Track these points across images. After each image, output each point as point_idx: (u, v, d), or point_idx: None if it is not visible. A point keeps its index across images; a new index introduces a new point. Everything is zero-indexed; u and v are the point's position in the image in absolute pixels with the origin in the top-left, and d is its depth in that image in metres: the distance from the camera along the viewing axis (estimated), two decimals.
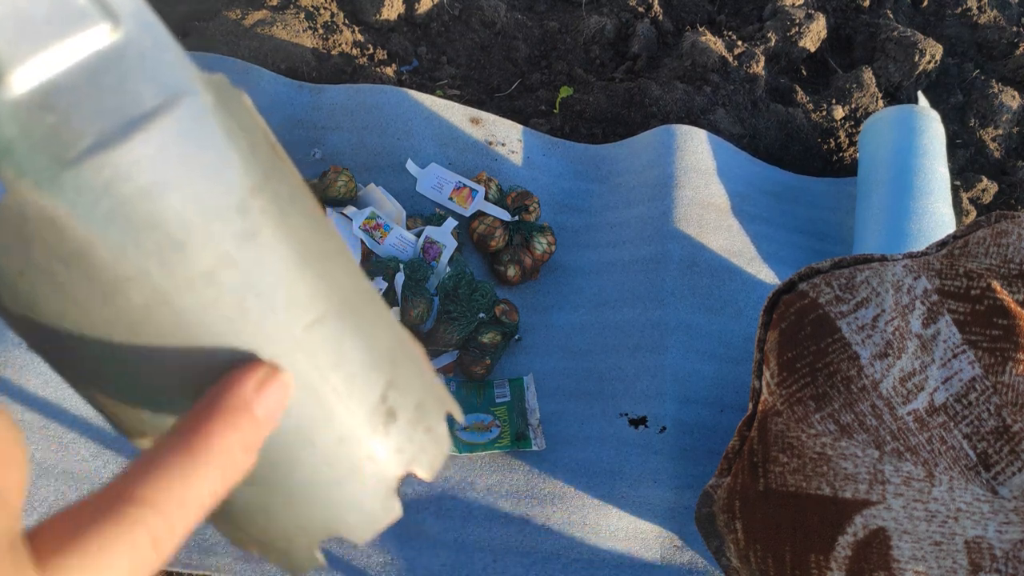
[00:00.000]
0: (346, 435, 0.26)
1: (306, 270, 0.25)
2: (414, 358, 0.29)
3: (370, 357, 0.27)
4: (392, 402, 0.27)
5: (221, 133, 0.23)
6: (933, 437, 0.68)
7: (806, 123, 1.38)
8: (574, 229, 1.22)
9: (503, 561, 0.87)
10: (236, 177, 0.23)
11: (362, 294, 0.27)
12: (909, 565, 0.66)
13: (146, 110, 0.21)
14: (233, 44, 1.29)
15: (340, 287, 0.26)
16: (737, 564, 0.77)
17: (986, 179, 1.32)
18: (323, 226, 0.27)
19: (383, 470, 0.27)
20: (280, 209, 0.24)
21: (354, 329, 0.26)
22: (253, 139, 0.24)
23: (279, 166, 0.25)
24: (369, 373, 0.27)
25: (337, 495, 0.27)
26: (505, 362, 1.08)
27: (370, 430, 0.27)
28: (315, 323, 0.25)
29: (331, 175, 1.11)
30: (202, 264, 0.22)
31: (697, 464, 0.95)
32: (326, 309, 0.25)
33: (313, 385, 0.25)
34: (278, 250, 0.24)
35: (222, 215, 0.22)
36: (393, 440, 0.28)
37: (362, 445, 0.27)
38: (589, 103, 1.38)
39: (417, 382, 0.29)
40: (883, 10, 1.60)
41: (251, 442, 0.23)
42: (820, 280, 0.75)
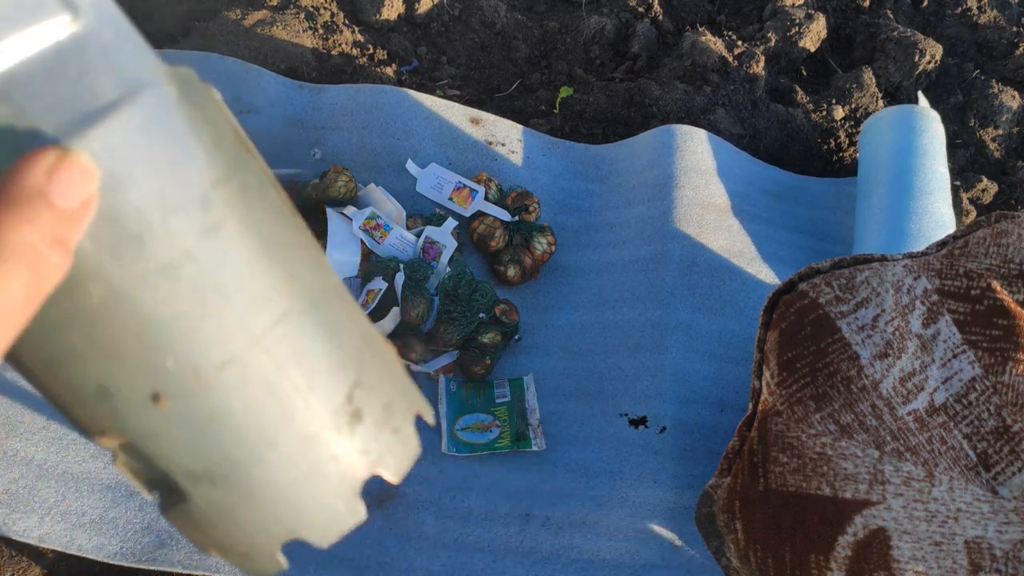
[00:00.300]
0: (309, 435, 0.26)
1: (270, 266, 0.24)
2: (383, 357, 0.29)
3: (336, 355, 0.26)
4: (358, 402, 0.27)
5: (184, 126, 0.22)
6: (933, 437, 0.68)
7: (806, 123, 1.38)
8: (574, 229, 1.22)
9: (503, 561, 0.87)
10: (199, 170, 0.23)
11: (329, 291, 0.27)
12: (909, 565, 0.66)
13: (105, 102, 0.21)
14: (233, 44, 1.29)
15: (306, 283, 0.26)
16: (737, 564, 0.77)
17: (986, 179, 1.32)
18: (291, 221, 0.26)
19: (347, 471, 0.27)
20: (246, 203, 0.24)
21: (319, 327, 0.26)
22: (219, 132, 0.24)
23: (246, 159, 0.25)
24: (334, 372, 0.26)
25: (299, 496, 0.26)
26: (505, 362, 1.08)
27: (335, 430, 0.26)
28: (278, 320, 0.24)
29: (331, 175, 1.11)
30: (160, 259, 0.22)
31: (697, 464, 0.95)
32: (290, 306, 0.25)
33: (274, 383, 0.25)
34: (241, 245, 0.24)
35: (183, 209, 0.22)
36: (359, 441, 0.27)
37: (326, 445, 0.26)
38: (589, 103, 1.38)
39: (385, 382, 0.28)
40: (883, 10, 1.60)
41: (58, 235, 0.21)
42: (820, 280, 0.75)
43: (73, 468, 0.87)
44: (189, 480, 0.25)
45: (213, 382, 0.24)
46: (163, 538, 0.84)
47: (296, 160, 1.20)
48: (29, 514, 0.84)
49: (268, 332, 0.24)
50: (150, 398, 0.23)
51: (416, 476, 0.93)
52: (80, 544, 0.83)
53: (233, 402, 0.24)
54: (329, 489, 0.27)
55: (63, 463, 0.87)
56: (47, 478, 0.86)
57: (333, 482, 0.27)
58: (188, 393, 0.24)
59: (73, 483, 0.86)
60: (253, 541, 0.26)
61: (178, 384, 0.23)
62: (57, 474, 0.86)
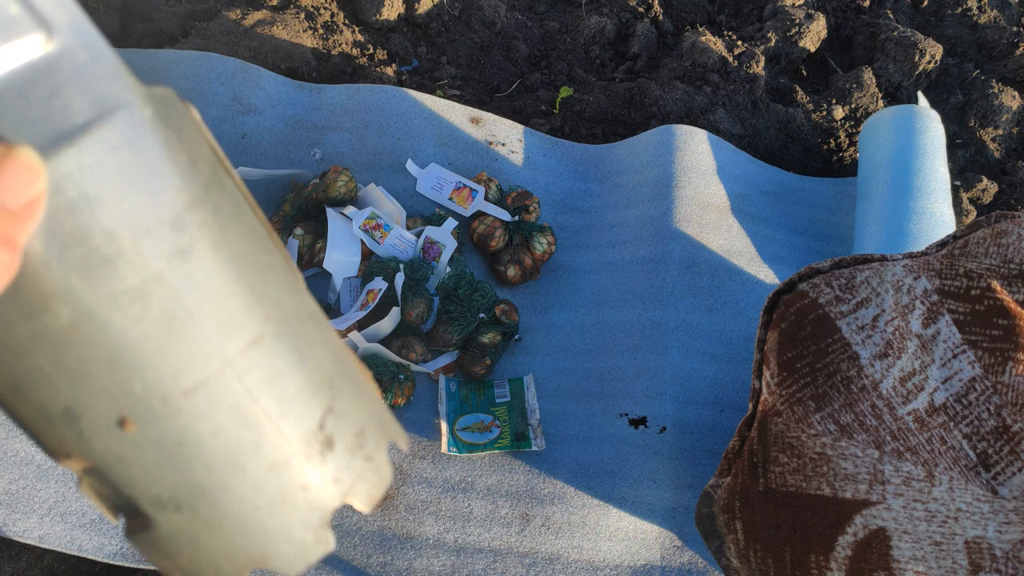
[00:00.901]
0: (279, 462, 0.25)
1: (243, 289, 0.24)
2: (358, 382, 0.28)
3: (308, 381, 0.26)
4: (330, 429, 0.26)
5: (158, 147, 0.22)
6: (933, 437, 0.68)
7: (806, 123, 1.38)
8: (574, 229, 1.22)
9: (503, 562, 0.87)
10: (172, 192, 0.22)
11: (303, 315, 0.26)
12: (909, 565, 0.66)
13: (78, 123, 0.21)
14: (233, 44, 1.29)
15: (280, 306, 0.25)
16: (737, 564, 0.77)
17: (986, 179, 1.32)
18: (266, 243, 0.26)
19: (318, 500, 0.26)
20: (219, 224, 0.24)
21: (292, 351, 0.25)
22: (195, 153, 0.23)
23: (222, 180, 0.24)
24: (306, 398, 0.26)
25: (267, 524, 0.26)
26: (505, 362, 1.08)
27: (305, 458, 0.26)
28: (250, 345, 0.24)
29: (331, 175, 1.11)
30: (130, 281, 0.22)
31: (697, 464, 0.95)
32: (262, 330, 0.24)
33: (244, 408, 0.24)
34: (213, 268, 0.23)
35: (154, 231, 0.22)
36: (330, 469, 0.26)
37: (296, 473, 0.26)
38: (589, 103, 1.38)
39: (359, 408, 0.28)
40: (883, 10, 1.60)
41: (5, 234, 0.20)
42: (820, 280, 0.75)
43: None
44: (155, 506, 0.25)
45: (182, 407, 0.23)
46: None
47: (296, 160, 1.20)
48: (29, 514, 0.84)
49: (239, 357, 0.24)
50: (116, 422, 0.23)
51: (416, 476, 0.93)
52: (80, 544, 0.83)
53: (201, 427, 0.24)
54: (298, 518, 0.26)
55: None
56: (47, 478, 0.86)
57: (302, 511, 0.26)
58: (155, 417, 0.23)
59: (73, 483, 0.86)
60: (219, 569, 0.26)
61: (145, 408, 0.23)
62: (57, 474, 0.86)
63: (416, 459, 0.95)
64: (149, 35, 1.39)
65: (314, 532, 0.27)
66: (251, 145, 1.20)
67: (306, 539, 0.26)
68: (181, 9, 1.41)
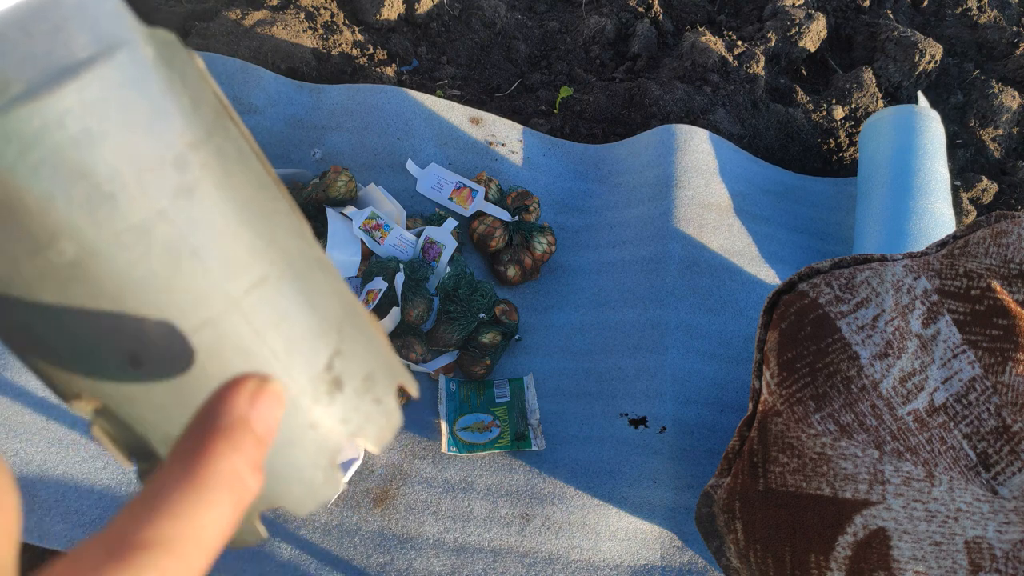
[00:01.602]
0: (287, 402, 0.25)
1: (248, 230, 0.24)
2: (365, 329, 0.28)
3: (315, 323, 0.26)
4: (338, 371, 0.27)
5: (160, 86, 0.22)
6: (933, 437, 0.68)
7: (806, 123, 1.38)
8: (574, 229, 1.22)
9: (503, 562, 0.87)
10: (175, 131, 0.22)
11: (310, 260, 0.27)
12: (909, 565, 0.66)
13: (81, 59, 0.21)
14: (233, 44, 1.29)
15: (285, 250, 0.25)
16: (737, 564, 0.77)
17: (986, 179, 1.32)
18: (272, 188, 0.26)
19: (326, 439, 0.27)
20: (224, 167, 0.24)
21: (298, 294, 0.26)
22: (198, 96, 0.24)
23: (226, 125, 0.25)
24: (314, 340, 0.26)
25: (277, 463, 0.26)
26: (505, 362, 1.08)
27: (313, 398, 0.26)
28: (255, 284, 0.24)
29: (331, 175, 1.11)
30: (133, 218, 0.22)
31: (697, 464, 0.95)
32: (268, 271, 0.25)
33: (251, 347, 0.24)
34: (217, 208, 0.23)
35: (157, 169, 0.22)
36: (338, 409, 0.27)
37: (304, 413, 0.26)
38: (589, 103, 1.38)
39: (367, 353, 0.28)
40: (883, 10, 1.60)
41: (256, 460, 0.22)
42: (820, 280, 0.75)
43: (73, 468, 0.87)
44: (166, 446, 0.25)
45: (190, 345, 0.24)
46: None
47: (296, 160, 1.20)
48: (29, 514, 0.84)
49: (245, 296, 0.24)
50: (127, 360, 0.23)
51: (416, 476, 0.93)
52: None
53: (209, 365, 0.24)
54: (307, 458, 0.26)
55: (63, 463, 0.87)
56: (47, 478, 0.86)
57: (311, 450, 0.26)
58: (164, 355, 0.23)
59: (73, 483, 0.86)
60: None
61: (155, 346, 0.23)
62: (57, 474, 0.86)
63: (416, 459, 0.95)
64: None
65: (324, 472, 0.27)
66: None
67: (316, 479, 0.27)
68: (181, 9, 1.41)
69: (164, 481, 0.20)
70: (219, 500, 0.20)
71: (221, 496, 0.20)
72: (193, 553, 0.19)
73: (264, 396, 0.22)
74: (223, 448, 0.21)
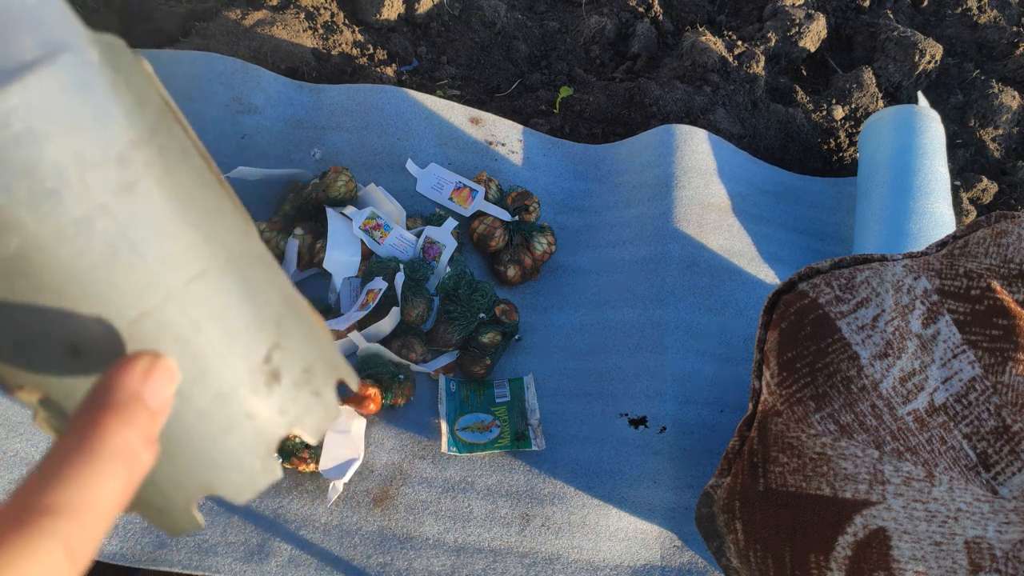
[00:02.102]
0: (224, 391, 0.26)
1: (188, 226, 0.25)
2: (307, 324, 0.29)
3: (254, 317, 0.27)
4: (277, 363, 0.28)
5: (104, 88, 0.23)
6: (933, 437, 0.68)
7: (806, 123, 1.38)
8: (574, 229, 1.22)
9: (503, 562, 0.87)
10: (118, 130, 0.23)
11: (252, 256, 0.28)
12: (909, 565, 0.66)
13: (26, 61, 0.22)
14: (233, 44, 1.29)
15: (227, 247, 0.26)
16: (737, 564, 0.77)
17: (986, 179, 1.32)
18: (216, 187, 0.27)
19: (263, 429, 0.27)
20: (165, 165, 0.25)
21: (238, 288, 0.26)
22: (143, 97, 0.24)
23: (171, 125, 0.26)
24: (252, 333, 0.27)
25: (213, 451, 0.27)
26: (505, 362, 1.08)
27: (251, 389, 0.27)
28: (194, 278, 0.25)
29: (331, 175, 1.11)
30: (75, 212, 0.22)
31: (697, 464, 0.95)
32: (207, 266, 0.26)
33: (189, 339, 0.25)
34: (158, 204, 0.24)
35: (100, 165, 0.23)
36: (276, 400, 0.28)
37: (241, 402, 0.27)
38: (589, 103, 1.38)
39: (307, 347, 0.29)
40: (883, 10, 1.60)
41: (150, 434, 0.23)
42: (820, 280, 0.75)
43: None
44: None
45: (128, 336, 0.24)
46: (163, 538, 0.84)
47: (296, 160, 1.20)
48: None
49: (184, 289, 0.25)
50: (68, 351, 0.24)
51: (416, 476, 0.93)
52: None
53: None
54: (244, 446, 0.27)
55: None
56: None
57: (248, 439, 0.27)
58: (104, 346, 0.24)
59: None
60: (168, 497, 0.27)
61: (94, 337, 0.24)
62: None
63: (416, 459, 0.95)
64: (149, 35, 1.39)
65: (261, 460, 0.28)
66: (251, 145, 1.20)
67: (253, 467, 0.27)
68: (181, 9, 1.41)
69: (61, 453, 0.21)
70: (114, 471, 0.21)
71: (116, 468, 0.21)
72: (91, 520, 0.20)
73: (156, 372, 0.23)
74: (116, 422, 0.22)
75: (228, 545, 0.85)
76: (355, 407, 0.95)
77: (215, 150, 1.18)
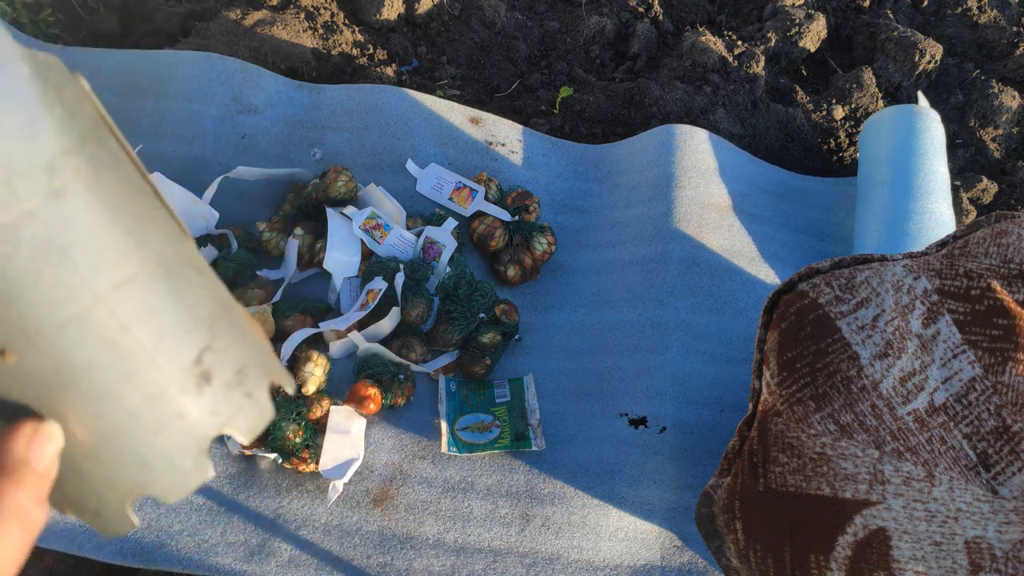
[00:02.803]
0: (154, 392, 0.27)
1: (117, 231, 0.26)
2: (241, 328, 0.30)
3: (185, 320, 0.28)
4: (208, 365, 0.28)
5: (34, 99, 0.24)
6: (933, 437, 0.68)
7: (806, 123, 1.38)
8: (574, 229, 1.22)
9: (503, 562, 0.87)
10: (47, 139, 0.24)
11: (184, 262, 0.28)
12: (909, 565, 0.66)
13: None
14: (233, 44, 1.29)
15: (158, 252, 0.27)
16: (737, 564, 0.77)
17: (986, 179, 1.32)
18: (148, 196, 0.28)
19: (195, 428, 0.28)
20: (96, 173, 0.25)
21: (168, 293, 0.27)
22: (75, 110, 0.25)
23: (103, 136, 0.26)
24: (182, 335, 0.27)
25: (145, 451, 0.27)
26: (505, 362, 1.08)
27: (181, 388, 0.27)
28: (123, 282, 0.26)
29: (331, 175, 1.11)
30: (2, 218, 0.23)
31: (697, 464, 0.95)
32: (137, 271, 0.26)
33: (117, 341, 0.26)
34: (87, 210, 0.25)
35: (27, 173, 0.23)
36: (207, 401, 0.28)
37: (172, 403, 0.27)
38: (589, 103, 1.38)
39: (240, 349, 0.29)
40: (883, 10, 1.60)
41: (40, 494, 0.25)
42: (820, 280, 0.75)
43: None
44: None
45: (56, 338, 0.25)
46: (163, 538, 0.84)
47: (296, 160, 1.20)
48: None
49: (112, 293, 0.26)
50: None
51: (416, 476, 0.93)
52: (80, 544, 0.83)
53: (76, 358, 0.25)
54: (175, 446, 0.28)
55: None
56: None
57: (179, 439, 0.28)
58: (33, 349, 0.25)
59: None
60: (102, 497, 0.28)
61: (23, 339, 0.25)
62: None
63: (416, 459, 0.95)
64: (149, 35, 1.39)
65: (192, 459, 0.28)
66: (251, 145, 1.20)
67: (185, 466, 0.28)
68: (181, 9, 1.41)
69: None
70: (9, 531, 0.24)
71: (11, 527, 0.24)
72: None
73: (40, 438, 0.25)
74: (7, 486, 0.24)
75: (228, 545, 0.85)
76: (355, 407, 0.95)
77: (215, 150, 1.18)
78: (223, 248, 1.09)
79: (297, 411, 0.92)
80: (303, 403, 0.94)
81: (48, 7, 1.37)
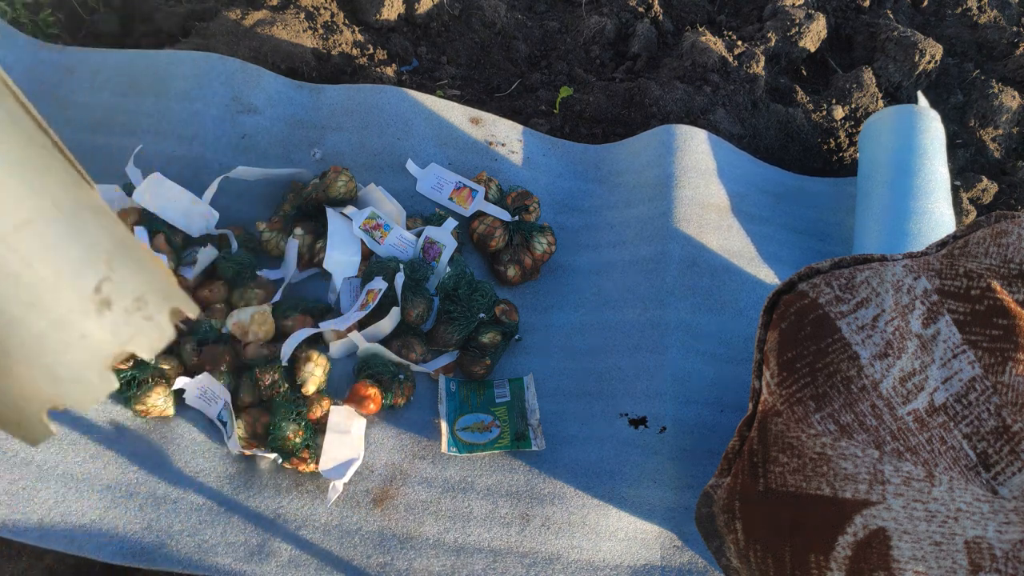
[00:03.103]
0: (58, 318, 0.31)
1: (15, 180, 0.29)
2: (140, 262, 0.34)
3: (83, 256, 0.31)
4: (107, 293, 0.32)
5: None
6: (933, 437, 0.68)
7: (806, 123, 1.38)
8: (574, 229, 1.22)
9: (503, 562, 0.87)
10: None
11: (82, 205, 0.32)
12: (909, 565, 0.66)
13: None
14: (233, 44, 1.29)
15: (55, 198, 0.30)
16: (737, 564, 0.77)
17: (986, 179, 1.32)
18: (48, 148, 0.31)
19: (97, 347, 0.32)
20: None
21: (67, 233, 0.31)
22: None
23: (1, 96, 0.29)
24: (81, 268, 0.31)
25: (55, 367, 0.31)
26: (505, 362, 1.08)
27: (82, 314, 0.31)
28: (23, 223, 0.29)
29: (331, 175, 1.11)
30: None
31: (697, 464, 0.95)
32: (36, 215, 0.30)
33: (20, 274, 0.29)
34: None
35: None
36: (108, 324, 0.32)
37: (74, 326, 0.31)
38: (589, 103, 1.38)
39: (139, 280, 0.33)
40: (883, 10, 1.60)
41: None
42: (820, 280, 0.75)
43: (73, 469, 0.87)
44: None
45: None
46: (163, 538, 0.85)
47: (296, 160, 1.20)
48: (29, 514, 0.84)
49: (12, 233, 0.29)
50: None
51: (416, 476, 0.93)
52: (80, 544, 0.83)
53: None
54: (80, 362, 0.32)
55: (63, 464, 0.87)
56: (47, 479, 0.86)
57: (84, 356, 0.32)
58: None
59: (73, 483, 0.86)
60: (21, 410, 0.31)
61: None
62: (57, 475, 0.86)
63: (416, 459, 0.95)
64: (149, 35, 1.39)
65: (98, 373, 0.32)
66: (251, 145, 1.20)
67: (91, 380, 0.32)
68: (181, 9, 1.41)
69: None
70: None
71: None
72: None
73: None
74: None
75: (228, 545, 0.85)
76: (355, 407, 0.95)
77: (215, 150, 1.18)
78: (223, 248, 1.09)
79: (297, 411, 0.92)
80: (303, 403, 0.94)
81: (48, 7, 1.37)
